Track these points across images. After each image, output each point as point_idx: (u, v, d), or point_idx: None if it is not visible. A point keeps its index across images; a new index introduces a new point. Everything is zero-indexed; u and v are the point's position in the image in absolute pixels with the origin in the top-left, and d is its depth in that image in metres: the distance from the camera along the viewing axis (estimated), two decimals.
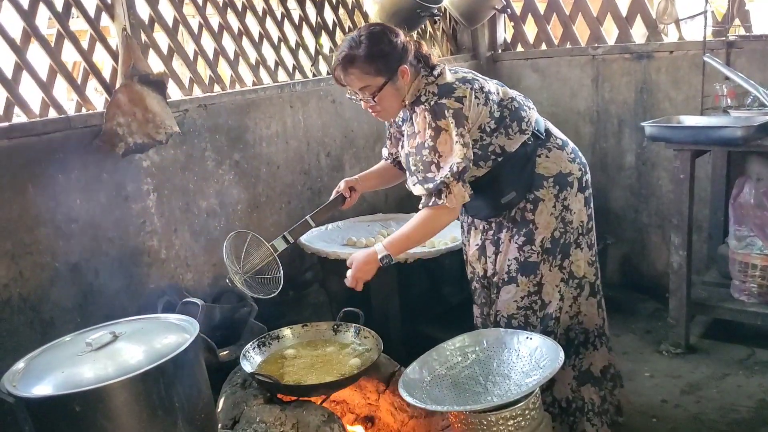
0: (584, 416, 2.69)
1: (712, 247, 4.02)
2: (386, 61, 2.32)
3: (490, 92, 2.44)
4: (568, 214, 2.55)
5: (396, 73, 2.34)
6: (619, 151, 4.33)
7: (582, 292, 2.65)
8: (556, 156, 2.54)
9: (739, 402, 3.13)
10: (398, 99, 2.41)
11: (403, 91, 2.39)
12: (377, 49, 2.32)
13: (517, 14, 4.59)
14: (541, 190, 2.51)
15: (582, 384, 2.69)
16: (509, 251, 2.58)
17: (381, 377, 2.60)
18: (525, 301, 2.59)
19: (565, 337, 2.63)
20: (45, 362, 1.90)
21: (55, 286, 2.65)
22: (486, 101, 2.40)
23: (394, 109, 2.46)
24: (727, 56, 3.78)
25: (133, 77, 2.69)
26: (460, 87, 2.37)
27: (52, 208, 2.62)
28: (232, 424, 2.29)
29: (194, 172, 3.08)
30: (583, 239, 2.61)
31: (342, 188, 2.73)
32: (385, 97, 2.38)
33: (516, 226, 2.55)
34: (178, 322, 2.07)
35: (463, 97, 2.35)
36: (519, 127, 2.47)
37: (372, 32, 2.36)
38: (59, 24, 2.74)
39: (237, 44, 3.38)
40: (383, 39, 2.34)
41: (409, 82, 2.39)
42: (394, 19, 3.67)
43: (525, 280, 2.57)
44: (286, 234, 2.60)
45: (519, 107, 2.50)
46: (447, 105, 2.32)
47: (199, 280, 3.14)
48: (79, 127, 2.70)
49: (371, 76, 2.34)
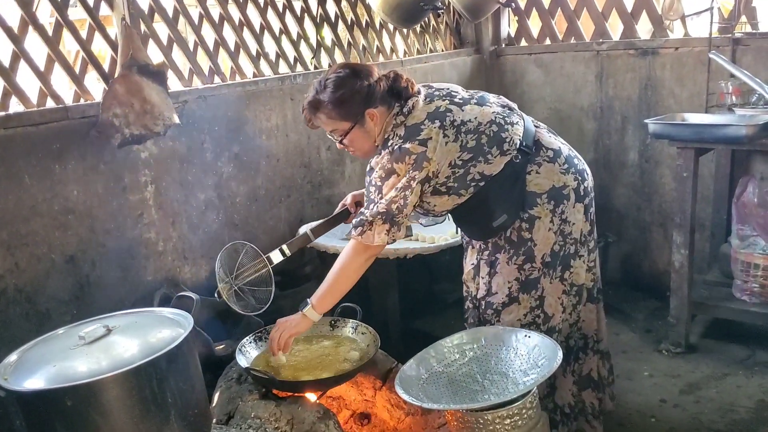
0: (584, 418, 2.69)
1: (714, 246, 4.00)
2: (351, 105, 2.33)
3: (464, 123, 2.34)
4: (567, 226, 2.45)
5: (363, 117, 2.35)
6: (622, 148, 4.30)
7: (581, 300, 2.60)
8: (547, 170, 2.42)
9: (739, 402, 3.12)
10: (369, 140, 2.41)
11: (373, 132, 2.39)
12: (340, 94, 2.32)
13: (522, 8, 4.56)
14: (536, 207, 2.40)
15: (583, 389, 2.67)
16: (509, 273, 2.48)
17: (378, 374, 2.59)
18: (528, 318, 2.51)
19: (565, 345, 2.58)
20: (37, 355, 1.88)
21: (51, 278, 2.64)
22: (456, 137, 2.32)
23: (366, 149, 2.45)
24: (733, 53, 3.75)
25: (131, 67, 2.66)
26: (428, 127, 2.31)
27: (48, 199, 2.60)
28: (227, 420, 2.27)
29: (193, 164, 3.06)
30: (582, 248, 2.53)
31: (348, 202, 2.70)
32: (354, 139, 2.40)
33: (513, 246, 2.45)
34: (172, 316, 2.05)
35: (428, 139, 2.29)
36: (500, 150, 2.35)
37: (338, 77, 2.35)
38: (58, 13, 2.71)
39: (238, 35, 3.36)
40: (348, 83, 2.33)
41: (380, 122, 2.38)
42: (397, 12, 3.65)
43: (526, 296, 2.49)
44: (284, 247, 2.57)
45: (498, 130, 2.36)
46: (410, 149, 2.28)
47: (196, 272, 3.12)
48: (77, 118, 2.68)
49: (337, 121, 2.37)
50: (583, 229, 2.52)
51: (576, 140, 2.70)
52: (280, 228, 3.48)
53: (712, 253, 4.03)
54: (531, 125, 2.49)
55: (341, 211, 2.70)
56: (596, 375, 2.69)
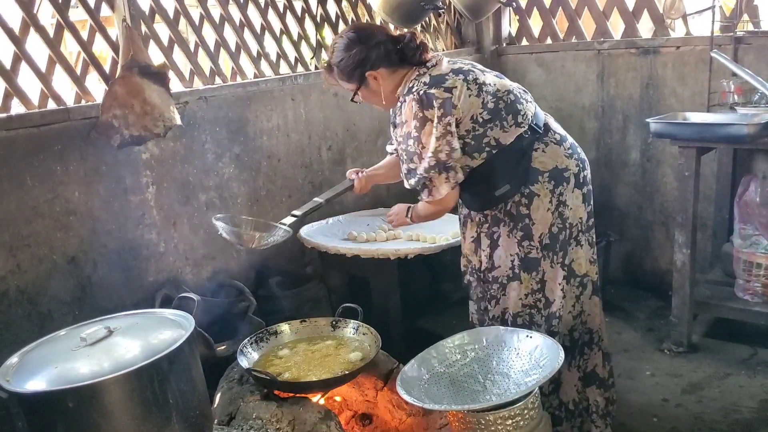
0: (589, 417, 2.68)
1: (716, 245, 3.99)
2: (353, 69, 2.50)
3: (485, 83, 2.46)
4: (566, 209, 2.52)
5: (365, 78, 2.51)
6: (624, 148, 4.29)
7: (585, 291, 2.62)
8: (552, 151, 2.51)
9: (741, 402, 3.11)
10: (377, 96, 2.56)
11: (379, 90, 2.53)
12: (339, 61, 2.52)
13: (522, 8, 4.56)
14: (536, 184, 2.48)
15: (588, 385, 2.68)
16: (510, 246, 2.55)
17: (379, 374, 2.58)
18: (529, 299, 2.57)
19: (569, 338, 2.60)
20: (39, 357, 1.88)
21: (53, 279, 2.64)
22: (479, 93, 2.43)
23: (378, 104, 2.63)
24: (735, 52, 3.74)
25: (132, 68, 2.66)
26: (452, 78, 2.42)
27: (50, 200, 2.61)
28: (228, 420, 2.28)
29: (194, 165, 3.06)
30: (583, 236, 2.58)
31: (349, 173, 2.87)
32: (364, 96, 2.59)
33: (513, 220, 2.52)
34: (173, 317, 2.05)
35: (453, 87, 2.40)
36: (515, 120, 2.45)
37: (342, 42, 2.53)
38: (59, 14, 2.71)
39: (238, 36, 3.36)
40: (349, 49, 2.49)
41: (385, 82, 2.51)
42: (398, 12, 3.64)
43: (527, 276, 2.54)
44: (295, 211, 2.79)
45: (515, 100, 2.48)
46: (436, 95, 2.37)
47: (197, 273, 3.12)
48: (78, 119, 2.68)
49: (345, 82, 2.58)
50: (583, 217, 2.57)
51: (577, 139, 2.69)
52: None
53: (714, 253, 4.02)
54: (541, 111, 2.60)
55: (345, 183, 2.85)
56: (601, 372, 2.70)
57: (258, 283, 3.23)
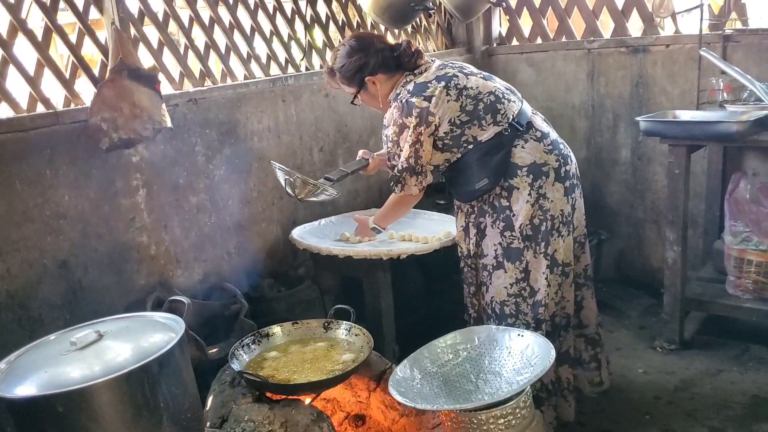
0: (561, 393, 2.84)
1: (707, 242, 4.01)
2: (354, 75, 2.76)
3: (466, 87, 2.68)
4: (546, 202, 2.67)
5: (365, 83, 2.77)
6: (615, 146, 4.31)
7: (566, 279, 2.77)
8: (532, 147, 2.68)
9: (733, 398, 3.12)
10: (376, 100, 2.82)
11: (377, 94, 2.79)
12: (343, 66, 2.77)
13: (513, 8, 4.56)
14: (515, 178, 2.65)
15: (560, 365, 2.82)
16: (494, 236, 2.73)
17: (372, 375, 2.58)
18: (514, 288, 2.72)
19: (551, 323, 2.76)
20: (29, 362, 1.88)
21: (44, 283, 2.63)
22: (458, 97, 2.65)
23: (375, 108, 2.90)
24: (724, 50, 3.76)
25: (121, 71, 2.65)
26: (433, 85, 2.66)
27: (40, 204, 2.59)
28: (221, 423, 2.27)
29: (184, 168, 3.06)
30: (563, 228, 2.72)
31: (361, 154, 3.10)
32: (363, 100, 2.86)
33: (495, 212, 2.71)
34: (164, 320, 2.05)
35: (432, 96, 2.64)
36: (493, 119, 2.65)
37: (345, 49, 2.78)
38: (47, 17, 2.70)
39: (228, 38, 3.35)
40: (350, 56, 2.75)
41: (384, 85, 2.77)
42: (388, 13, 3.64)
43: (511, 266, 2.71)
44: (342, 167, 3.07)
45: (496, 100, 2.68)
46: (415, 104, 2.63)
47: (189, 276, 3.11)
48: (68, 122, 2.67)
49: (346, 86, 2.84)
50: (564, 209, 2.71)
51: (568, 138, 2.72)
52: (272, 230, 3.48)
53: (705, 250, 4.03)
54: (528, 110, 2.77)
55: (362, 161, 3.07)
56: (572, 352, 2.88)
57: (250, 285, 3.23)
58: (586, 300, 2.95)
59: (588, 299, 2.95)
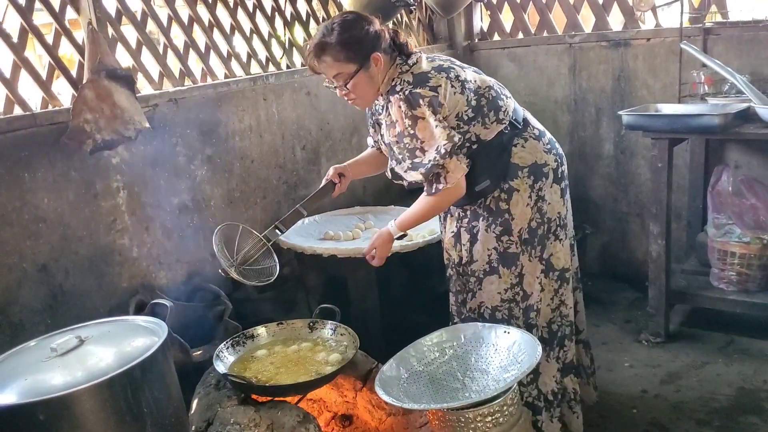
0: (567, 404, 2.72)
1: (691, 235, 4.02)
2: (358, 48, 2.35)
3: (467, 80, 2.43)
4: (544, 204, 2.53)
5: (368, 60, 2.37)
6: (598, 140, 4.31)
7: (564, 284, 2.63)
8: (532, 146, 2.52)
9: (719, 390, 3.14)
10: (372, 86, 2.43)
11: (376, 78, 2.41)
12: (349, 35, 2.34)
13: (494, 3, 4.55)
14: (516, 180, 2.49)
15: (565, 375, 2.70)
16: (487, 240, 2.55)
17: (358, 375, 2.57)
18: (509, 293, 2.58)
19: (548, 330, 2.62)
20: (9, 369, 1.84)
21: (24, 288, 2.59)
22: (462, 90, 2.40)
23: (368, 96, 2.48)
24: (704, 43, 3.77)
25: (100, 72, 2.62)
26: (435, 76, 2.37)
27: (18, 208, 2.55)
28: (206, 426, 2.24)
29: (165, 168, 3.02)
30: (561, 231, 2.60)
31: (331, 175, 2.73)
32: (358, 84, 2.40)
33: (492, 215, 2.53)
34: (146, 324, 2.02)
35: (437, 86, 2.35)
36: (496, 117, 2.46)
37: (345, 19, 2.39)
38: (22, 18, 2.65)
39: (208, 36, 3.32)
40: (355, 26, 2.36)
41: (383, 70, 2.41)
42: (368, 9, 3.60)
43: (507, 271, 2.56)
44: (278, 224, 2.63)
45: (496, 96, 2.49)
46: (421, 94, 2.33)
47: (172, 278, 3.08)
48: (45, 124, 2.63)
49: (343, 63, 2.37)
50: (561, 212, 2.59)
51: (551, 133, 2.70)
52: (256, 229, 3.42)
53: (689, 243, 4.05)
54: (519, 106, 2.60)
55: (326, 183, 2.73)
56: (576, 361, 2.75)
57: (234, 286, 3.20)
58: (579, 304, 2.83)
59: (580, 302, 2.84)
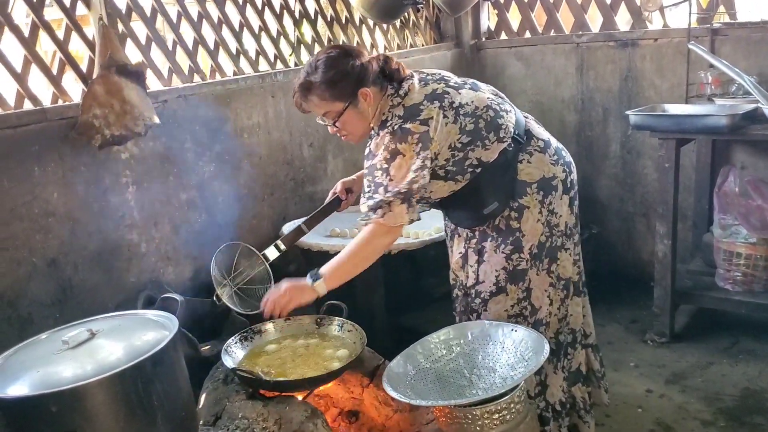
0: (576, 414, 2.68)
1: (696, 235, 4.03)
2: (344, 85, 2.30)
3: (462, 105, 2.35)
4: (554, 218, 2.47)
5: (356, 97, 2.32)
6: (604, 140, 4.32)
7: (569, 294, 2.59)
8: (538, 160, 2.44)
9: (724, 390, 3.14)
10: (363, 121, 2.37)
11: (366, 113, 2.35)
12: (333, 73, 2.30)
13: (501, 2, 4.56)
14: (525, 197, 2.41)
15: (573, 384, 2.66)
16: (496, 262, 2.47)
17: (365, 371, 2.57)
18: (515, 309, 2.51)
19: (555, 341, 2.57)
20: (20, 361, 1.85)
21: (33, 282, 2.61)
22: (455, 118, 2.32)
23: (359, 132, 2.42)
24: (712, 44, 3.77)
25: (110, 68, 2.63)
26: (428, 107, 2.30)
27: (28, 202, 2.57)
28: (214, 421, 2.25)
29: (174, 164, 3.04)
30: (568, 241, 2.54)
31: (339, 190, 2.69)
32: (347, 122, 2.36)
33: (501, 235, 2.45)
34: (156, 318, 2.03)
35: (429, 118, 2.28)
36: (497, 136, 2.36)
37: (328, 57, 2.33)
38: (33, 13, 2.67)
39: (217, 33, 3.33)
40: (340, 62, 2.31)
41: (373, 104, 2.35)
42: (376, 8, 3.63)
43: (514, 287, 2.49)
44: (278, 242, 2.59)
45: (495, 115, 2.38)
46: (411, 130, 2.26)
47: (180, 273, 3.10)
48: (56, 119, 2.64)
49: (329, 102, 2.33)
50: (568, 222, 2.53)
51: (558, 132, 2.70)
52: (263, 226, 3.46)
53: (694, 243, 4.05)
54: (521, 115, 2.51)
55: (333, 199, 2.69)
56: (585, 369, 2.70)
57: None
58: (586, 308, 2.72)
59: (587, 306, 2.74)
